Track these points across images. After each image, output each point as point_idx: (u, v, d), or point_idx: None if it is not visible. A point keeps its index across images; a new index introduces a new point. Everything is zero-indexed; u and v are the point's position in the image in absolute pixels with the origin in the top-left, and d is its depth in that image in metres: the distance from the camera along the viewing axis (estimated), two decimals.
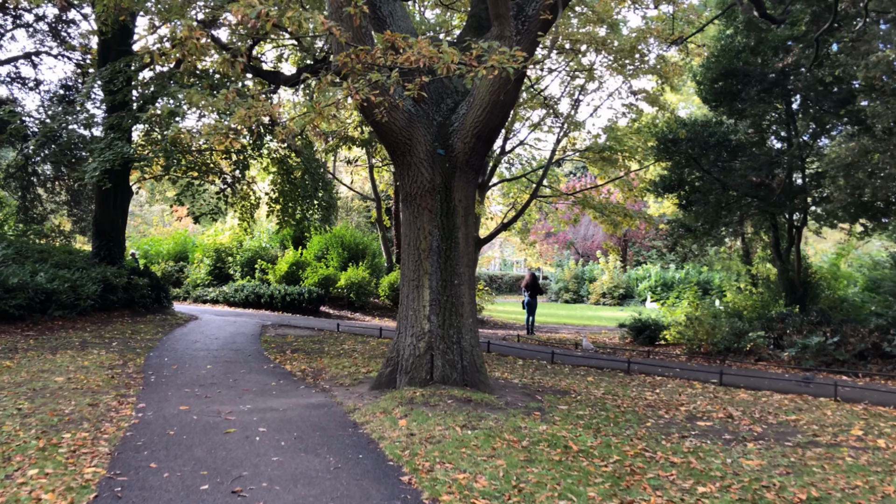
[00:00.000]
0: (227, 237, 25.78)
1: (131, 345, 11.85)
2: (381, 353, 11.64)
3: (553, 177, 24.52)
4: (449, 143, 7.64)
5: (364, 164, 29.34)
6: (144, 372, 8.97)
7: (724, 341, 12.93)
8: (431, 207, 7.56)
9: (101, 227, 17.63)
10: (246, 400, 7.17)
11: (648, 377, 10.19)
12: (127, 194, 18.13)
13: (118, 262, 17.55)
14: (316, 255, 23.72)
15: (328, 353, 11.46)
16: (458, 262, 7.57)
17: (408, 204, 7.71)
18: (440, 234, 7.54)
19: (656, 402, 7.68)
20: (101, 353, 10.49)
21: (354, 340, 13.80)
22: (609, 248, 25.74)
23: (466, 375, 7.41)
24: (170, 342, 12.41)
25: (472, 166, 7.75)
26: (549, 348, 13.80)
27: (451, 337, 7.42)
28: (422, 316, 7.47)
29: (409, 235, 7.68)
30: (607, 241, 29.01)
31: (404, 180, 7.68)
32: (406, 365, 7.44)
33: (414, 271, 7.58)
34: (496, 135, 7.90)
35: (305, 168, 16.22)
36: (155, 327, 14.79)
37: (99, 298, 15.40)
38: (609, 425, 6.26)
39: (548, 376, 9.61)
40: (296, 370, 9.52)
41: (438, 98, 7.85)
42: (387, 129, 7.39)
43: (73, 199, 24.15)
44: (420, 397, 6.79)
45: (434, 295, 7.46)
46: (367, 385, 7.94)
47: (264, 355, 11.18)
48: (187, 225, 33.71)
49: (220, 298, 22.48)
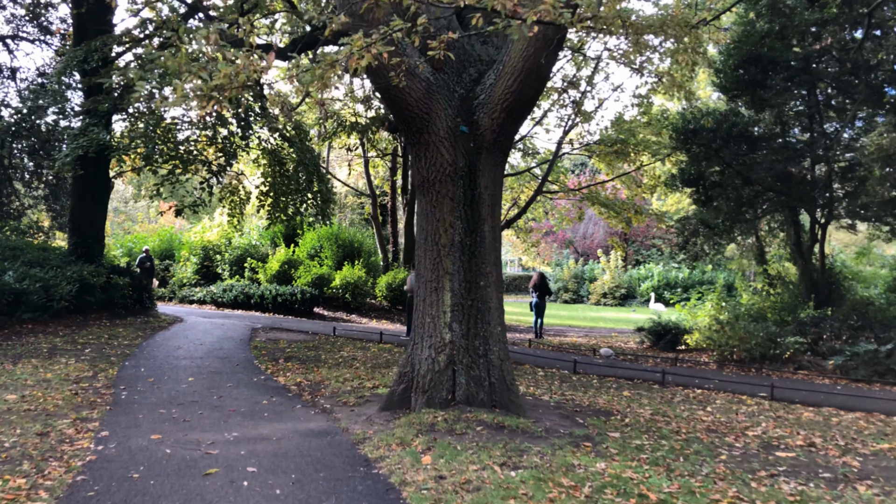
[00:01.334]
0: (215, 234, 24.48)
1: (106, 352, 10.61)
2: (385, 362, 10.46)
3: (557, 172, 23.40)
4: (473, 118, 6.46)
5: (359, 158, 28.11)
6: (115, 387, 7.75)
7: (758, 348, 11.83)
8: (453, 195, 6.38)
9: (78, 223, 16.33)
10: (232, 425, 5.96)
11: (688, 390, 9.07)
12: (106, 187, 16.82)
13: (97, 260, 16.26)
14: (309, 254, 22.49)
15: (326, 362, 10.25)
16: (484, 259, 6.40)
17: (425, 191, 6.52)
18: (463, 227, 6.37)
19: (716, 425, 6.54)
20: (70, 363, 9.26)
21: (353, 346, 12.60)
22: (615, 245, 24.66)
23: (495, 395, 6.24)
24: (149, 349, 11.17)
25: (500, 146, 6.58)
26: (567, 355, 12.66)
27: (477, 349, 6.25)
28: (442, 324, 6.29)
29: (427, 229, 6.50)
30: (613, 238, 27.96)
31: (421, 163, 6.50)
32: (423, 382, 6.26)
33: (432, 271, 6.40)
34: (529, 109, 6.74)
35: (299, 159, 14.98)
36: (135, 331, 13.54)
37: (74, 299, 14.13)
38: (678, 460, 5.10)
39: (578, 391, 8.45)
40: (290, 383, 8.32)
41: (460, 67, 6.67)
42: (401, 100, 6.20)
43: (51, 193, 22.79)
44: (443, 423, 5.61)
45: (456, 299, 6.28)
46: (375, 405, 6.75)
47: (254, 364, 9.97)
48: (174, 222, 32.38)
49: (208, 299, 21.21)
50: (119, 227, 34.06)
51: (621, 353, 13.29)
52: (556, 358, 11.87)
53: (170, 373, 8.89)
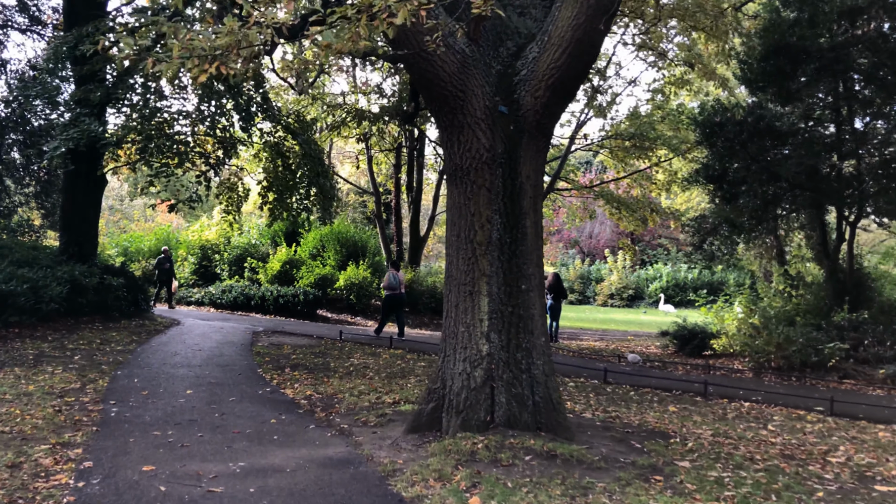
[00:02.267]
0: (213, 233, 23.63)
1: (97, 359, 9.77)
2: (401, 371, 9.64)
3: (567, 169, 22.60)
4: (513, 97, 5.64)
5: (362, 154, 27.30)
6: (104, 401, 6.91)
7: (798, 354, 11.03)
8: (491, 185, 5.56)
9: (69, 221, 15.49)
10: (238, 452, 5.13)
11: (735, 403, 8.26)
12: (100, 183, 15.96)
13: (89, 260, 15.40)
14: (311, 253, 21.64)
15: (336, 372, 9.42)
16: (525, 259, 5.59)
17: (458, 181, 5.70)
18: (502, 223, 5.54)
19: (791, 450, 5.72)
20: (56, 372, 8.42)
21: (363, 352, 11.78)
22: (625, 247, 23.83)
23: (540, 415, 5.42)
24: (144, 355, 10.34)
25: (543, 130, 5.76)
26: (591, 362, 11.87)
27: (519, 362, 5.43)
28: (478, 333, 5.46)
29: (459, 224, 5.67)
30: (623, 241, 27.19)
31: (453, 149, 5.67)
32: (457, 401, 5.43)
33: (466, 273, 5.57)
34: (577, 87, 5.94)
35: (304, 151, 14.14)
36: (129, 335, 12.70)
37: (65, 301, 13.28)
38: (769, 498, 4.29)
39: (619, 406, 7.64)
40: (300, 397, 7.49)
41: (496, 40, 5.85)
42: (432, 75, 5.38)
43: (42, 190, 21.92)
44: (485, 451, 4.79)
45: (495, 305, 5.46)
46: (400, 425, 5.92)
47: (258, 374, 9.14)
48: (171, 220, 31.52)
49: (206, 300, 20.35)
50: (114, 226, 33.16)
51: (647, 360, 12.49)
52: (581, 365, 11.06)
53: (166, 384, 8.06)
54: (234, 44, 3.61)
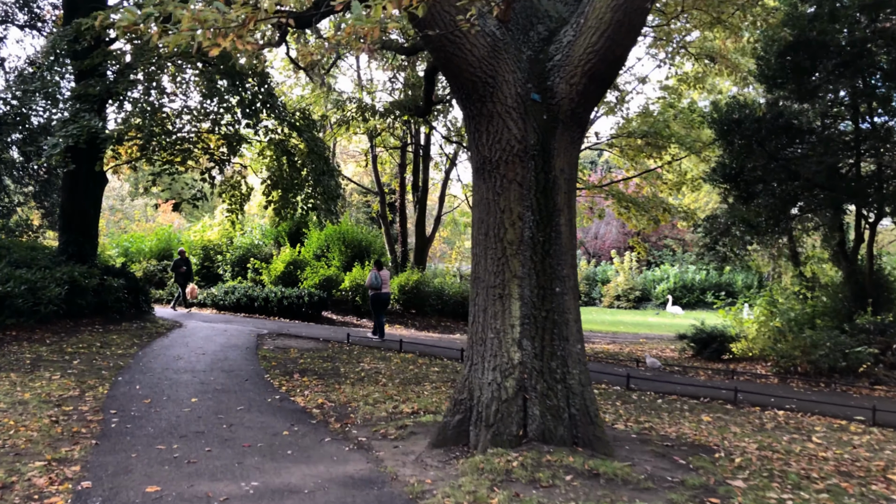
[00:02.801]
0: (215, 233, 23.24)
1: (96, 364, 9.37)
2: (415, 377, 9.21)
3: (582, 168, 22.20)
4: (547, 84, 5.22)
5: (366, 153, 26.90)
6: (104, 411, 6.49)
7: (825, 359, 10.60)
8: (523, 179, 5.14)
9: (69, 220, 15.08)
10: (250, 469, 4.71)
11: (769, 412, 7.83)
12: (100, 181, 15.56)
13: (89, 260, 15.00)
14: (315, 254, 21.23)
15: (347, 377, 9.00)
16: (560, 260, 5.17)
17: (486, 175, 5.28)
18: (535, 220, 5.12)
19: (846, 466, 5.30)
20: (54, 378, 8.01)
21: (372, 356, 11.36)
22: (637, 247, 23.40)
23: (576, 429, 5.00)
24: (146, 360, 9.93)
25: (578, 120, 5.34)
26: (610, 366, 11.46)
27: (554, 371, 5.01)
28: (509, 340, 5.04)
29: (487, 222, 5.25)
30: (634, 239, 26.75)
31: (481, 140, 5.25)
32: (486, 413, 5.01)
33: (495, 274, 5.15)
34: (616, 73, 5.51)
35: (309, 148, 13.72)
36: (130, 338, 12.29)
37: (64, 303, 12.87)
38: None
39: (650, 415, 7.21)
40: (311, 405, 7.07)
41: (526, 24, 5.43)
42: (460, 59, 4.96)
43: (42, 189, 21.51)
44: (520, 470, 4.37)
45: (527, 309, 5.04)
46: (422, 438, 5.50)
47: (265, 380, 8.72)
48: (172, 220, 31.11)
49: (208, 301, 19.94)
50: (115, 226, 32.74)
51: (666, 364, 12.06)
52: (601, 371, 10.64)
53: (169, 391, 7.65)
54: (250, 16, 3.20)
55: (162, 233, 25.73)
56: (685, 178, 21.41)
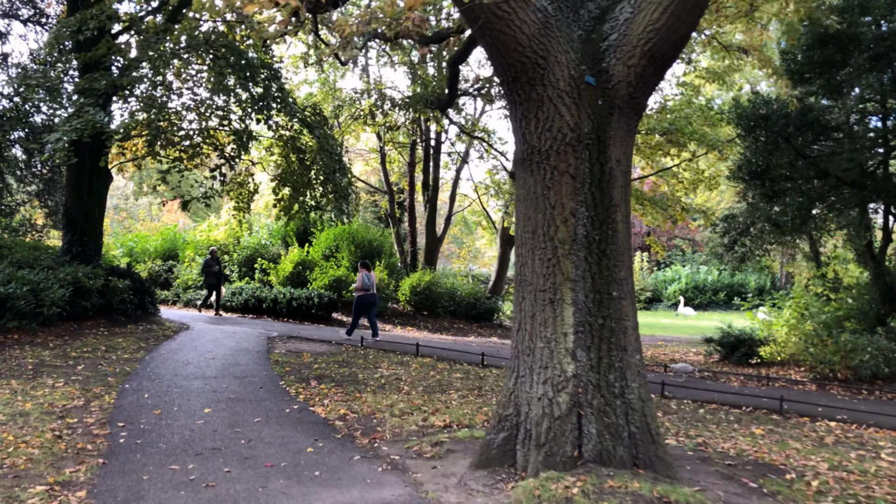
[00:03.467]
0: (222, 233, 22.76)
1: (102, 369, 8.89)
2: (438, 385, 8.71)
3: None
4: (602, 66, 4.72)
5: (374, 152, 26.42)
6: (112, 423, 6.01)
7: (868, 365, 10.07)
8: (576, 171, 4.64)
9: (73, 218, 14.60)
10: (275, 494, 4.22)
11: (821, 423, 7.32)
12: (104, 178, 15.09)
13: (94, 261, 14.53)
14: (324, 254, 20.72)
15: (367, 384, 8.50)
16: (617, 261, 4.67)
17: (533, 166, 4.78)
18: (589, 217, 4.62)
19: None
20: (57, 386, 7.55)
21: (389, 361, 10.86)
22: (653, 245, 22.85)
23: (637, 449, 4.49)
24: (153, 365, 9.45)
25: (635, 106, 4.84)
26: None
27: (612, 385, 4.51)
28: (561, 350, 4.54)
29: (535, 219, 4.75)
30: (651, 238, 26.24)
31: (529, 127, 4.75)
32: (536, 432, 4.51)
33: (545, 277, 4.65)
34: (677, 54, 5.01)
35: (321, 145, 13.23)
36: (136, 341, 11.82)
37: (68, 305, 12.41)
38: None
39: (699, 427, 6.71)
40: (333, 416, 6.58)
41: (575, 1, 4.92)
42: (508, 37, 4.46)
43: (45, 188, 21.07)
44: (581, 497, 3.88)
45: (582, 316, 4.54)
46: (461, 457, 5.00)
47: (281, 387, 8.23)
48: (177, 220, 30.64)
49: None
50: (119, 226, 32.32)
51: (696, 369, 11.55)
52: None
53: (180, 400, 7.16)
54: None
55: (167, 232, 25.28)
56: (702, 175, 20.92)
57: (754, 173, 15.27)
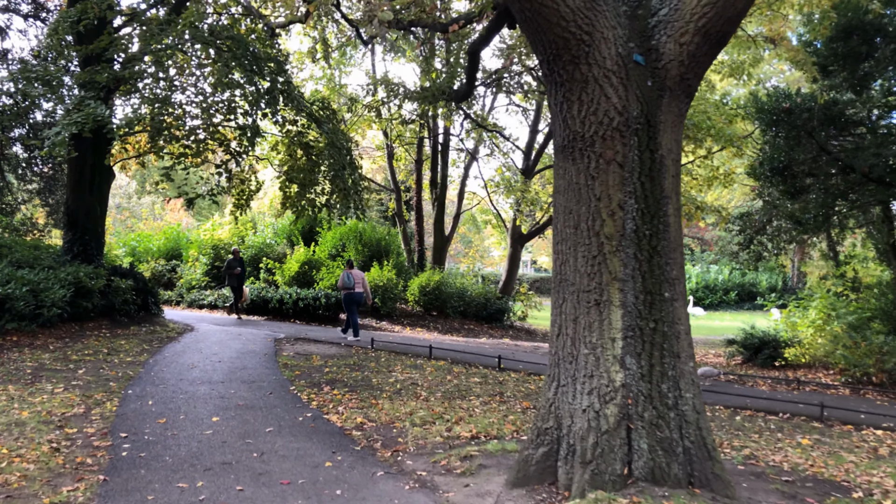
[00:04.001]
0: (226, 232, 22.35)
1: (104, 373, 8.49)
2: (457, 390, 8.28)
3: None
4: (651, 44, 4.29)
5: (380, 149, 26.00)
6: (113, 434, 5.60)
7: None
8: (624, 159, 4.21)
9: (74, 217, 14.19)
10: None
11: (866, 431, 6.88)
12: (106, 175, 14.69)
13: (95, 260, 14.13)
14: (330, 254, 20.30)
15: (383, 390, 8.08)
16: (669, 258, 4.23)
17: (576, 154, 4.34)
18: (639, 209, 4.19)
19: None
20: (57, 392, 7.14)
21: (402, 364, 10.44)
22: None
23: (692, 466, 4.06)
24: (157, 368, 9.04)
25: (686, 88, 4.40)
26: None
27: (665, 396, 4.07)
28: (609, 357, 4.11)
29: (577, 211, 4.32)
30: None
31: (572, 111, 4.32)
32: (581, 448, 4.08)
33: (590, 276, 4.22)
34: (733, 31, 4.56)
35: (330, 140, 12.79)
36: (139, 343, 11.41)
37: (69, 305, 12.02)
38: None
39: (742, 437, 6.27)
40: (350, 425, 6.16)
41: None
42: (550, 10, 4.03)
43: (46, 186, 20.68)
44: None
45: (631, 319, 4.11)
46: (495, 473, 4.57)
47: (291, 392, 7.81)
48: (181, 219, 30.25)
49: (220, 303, 19.06)
50: (122, 225, 31.94)
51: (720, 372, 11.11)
52: None
53: (186, 407, 6.75)
54: None
55: (170, 231, 24.89)
56: (717, 173, 20.48)
57: (775, 169, 14.80)
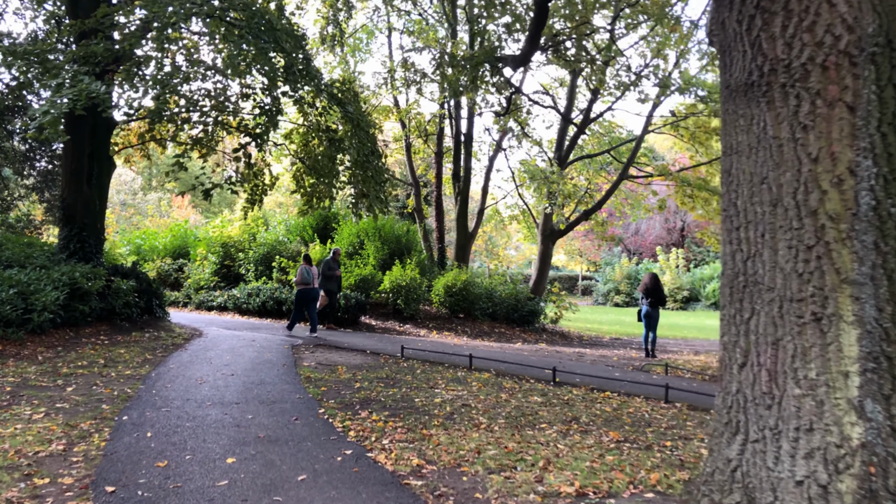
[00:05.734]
0: (236, 228, 21.02)
1: (96, 392, 7.14)
2: (519, 412, 6.86)
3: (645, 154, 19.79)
4: None
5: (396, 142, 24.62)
6: (97, 486, 4.22)
7: None
8: (855, 99, 2.78)
9: (71, 211, 12.88)
10: None
11: None
12: (106, 166, 13.37)
13: (94, 259, 12.82)
14: (346, 251, 18.95)
15: (431, 413, 6.67)
16: None
17: (774, 93, 2.92)
18: (880, 176, 2.76)
19: None
20: (36, 419, 5.79)
21: (442, 376, 9.04)
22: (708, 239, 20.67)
23: None
24: (160, 384, 7.68)
25: None
26: None
27: None
28: (838, 401, 2.69)
29: (774, 180, 2.90)
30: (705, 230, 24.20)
31: (770, 27, 2.89)
32: None
33: (801, 277, 2.80)
34: None
35: (355, 123, 11.40)
36: (141, 352, 10.06)
37: (63, 309, 10.72)
38: None
39: None
40: (403, 468, 4.76)
41: None
42: None
43: (44, 182, 19.39)
44: None
45: (874, 343, 2.68)
46: None
47: (321, 417, 6.43)
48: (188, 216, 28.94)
49: (230, 305, 17.75)
50: (127, 222, 30.69)
51: None
52: None
53: (193, 440, 5.37)
54: None
55: (177, 229, 23.59)
56: None
57: None
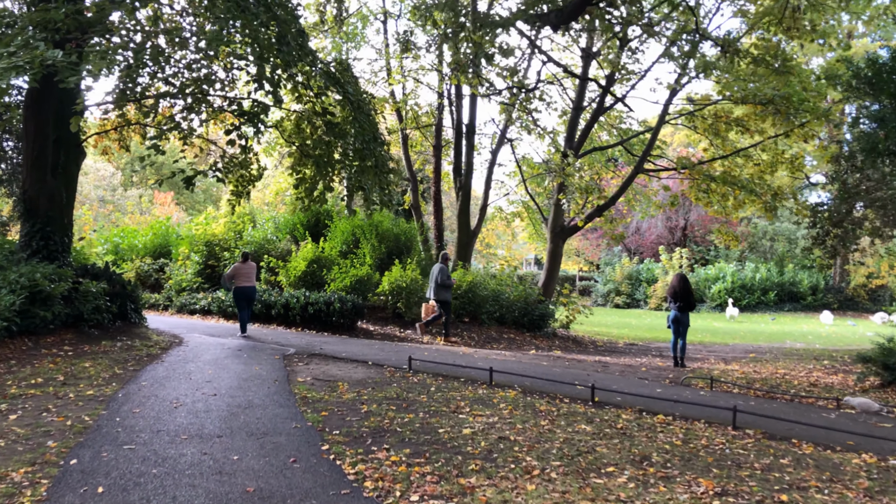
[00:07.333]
0: (221, 226, 19.56)
1: (45, 421, 5.79)
2: (574, 449, 5.55)
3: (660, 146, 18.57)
4: None
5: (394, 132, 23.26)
6: None
7: None
8: None
9: (33, 204, 11.47)
10: None
11: None
12: (74, 154, 11.96)
13: (60, 258, 11.40)
14: (340, 250, 17.56)
15: (463, 451, 5.35)
16: None
17: None
18: None
19: None
20: None
21: (461, 395, 7.73)
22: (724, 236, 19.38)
23: None
24: (126, 409, 6.32)
25: None
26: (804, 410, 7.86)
27: None
28: None
29: None
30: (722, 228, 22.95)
31: None
32: None
33: None
34: None
35: (356, 106, 10.06)
36: (109, 366, 8.68)
37: (19, 315, 9.34)
38: None
39: None
40: None
41: None
42: None
43: (13, 173, 17.83)
44: None
45: None
46: None
47: (325, 457, 5.10)
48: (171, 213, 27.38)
49: (214, 308, 16.33)
50: (106, 220, 29.02)
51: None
52: (792, 419, 7.04)
53: (159, 498, 4.03)
54: None
55: (158, 226, 22.09)
56: (782, 157, 17.88)
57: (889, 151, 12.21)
